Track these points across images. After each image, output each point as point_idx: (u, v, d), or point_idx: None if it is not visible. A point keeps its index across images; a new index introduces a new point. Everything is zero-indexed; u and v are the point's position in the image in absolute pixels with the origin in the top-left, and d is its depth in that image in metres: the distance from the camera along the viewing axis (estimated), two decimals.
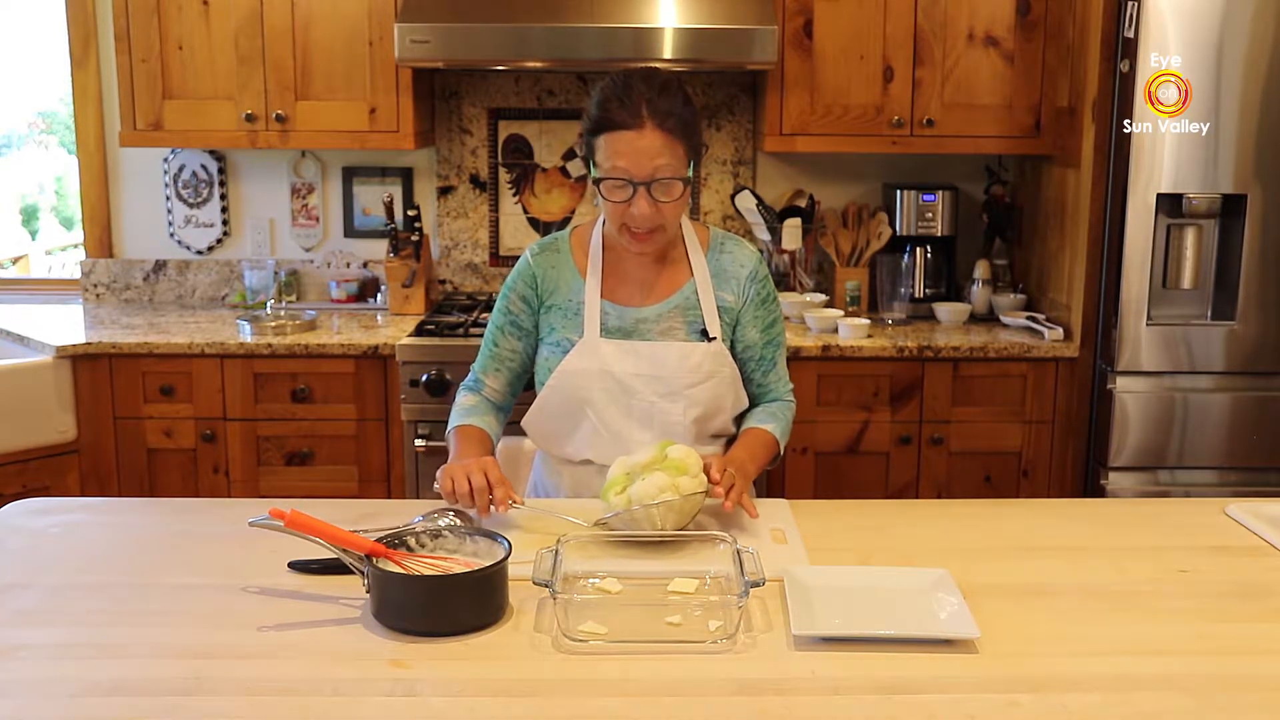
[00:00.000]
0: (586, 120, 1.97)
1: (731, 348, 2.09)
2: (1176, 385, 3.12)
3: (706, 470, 1.79)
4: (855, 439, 3.26)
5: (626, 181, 1.91)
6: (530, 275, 2.09)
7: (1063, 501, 2.95)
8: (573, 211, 3.83)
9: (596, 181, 1.96)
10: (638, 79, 1.93)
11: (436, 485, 1.87)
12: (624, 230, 1.98)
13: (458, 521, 1.76)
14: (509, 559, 1.53)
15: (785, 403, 2.16)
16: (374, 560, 1.53)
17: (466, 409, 2.10)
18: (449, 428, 2.09)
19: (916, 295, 3.59)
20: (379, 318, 3.56)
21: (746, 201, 3.62)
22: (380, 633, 1.48)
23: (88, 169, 3.83)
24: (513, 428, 2.20)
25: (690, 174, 1.95)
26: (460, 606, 1.49)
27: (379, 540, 1.57)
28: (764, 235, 3.67)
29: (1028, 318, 3.40)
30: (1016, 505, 2.41)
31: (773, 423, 2.10)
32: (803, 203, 3.70)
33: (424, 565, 1.56)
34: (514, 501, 1.87)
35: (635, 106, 1.89)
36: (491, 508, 1.81)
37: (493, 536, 1.60)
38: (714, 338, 2.05)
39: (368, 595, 1.52)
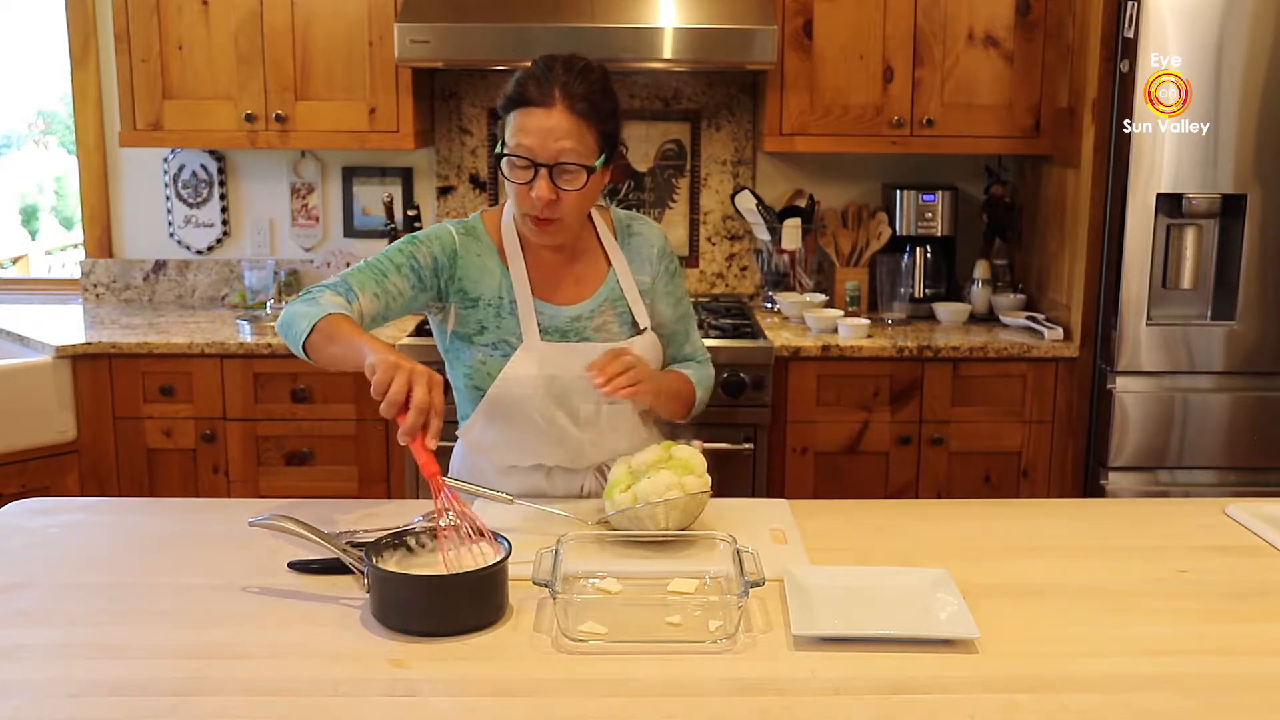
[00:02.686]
0: (502, 98, 1.91)
1: None
2: (1176, 385, 3.12)
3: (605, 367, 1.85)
4: (855, 439, 3.26)
5: (529, 162, 1.86)
6: (452, 251, 1.99)
7: (1063, 501, 2.95)
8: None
9: (499, 158, 1.90)
10: (560, 62, 1.88)
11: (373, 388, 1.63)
12: (524, 221, 1.93)
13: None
14: (509, 559, 1.53)
15: (701, 362, 2.20)
16: (374, 560, 1.53)
17: (339, 306, 1.84)
18: (314, 317, 1.81)
19: (916, 295, 3.59)
20: None
21: (746, 201, 3.62)
22: (380, 633, 1.48)
23: (88, 169, 3.83)
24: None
25: (598, 165, 1.89)
26: (460, 606, 1.49)
27: (379, 540, 1.57)
28: (764, 235, 3.67)
29: (1027, 318, 3.40)
30: (1016, 505, 2.41)
31: (689, 370, 2.15)
32: (802, 203, 3.70)
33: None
34: (505, 499, 1.87)
35: (549, 86, 1.85)
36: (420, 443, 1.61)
37: (493, 536, 1.60)
38: (645, 328, 2.04)
39: (367, 595, 1.52)
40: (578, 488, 2.07)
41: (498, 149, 1.92)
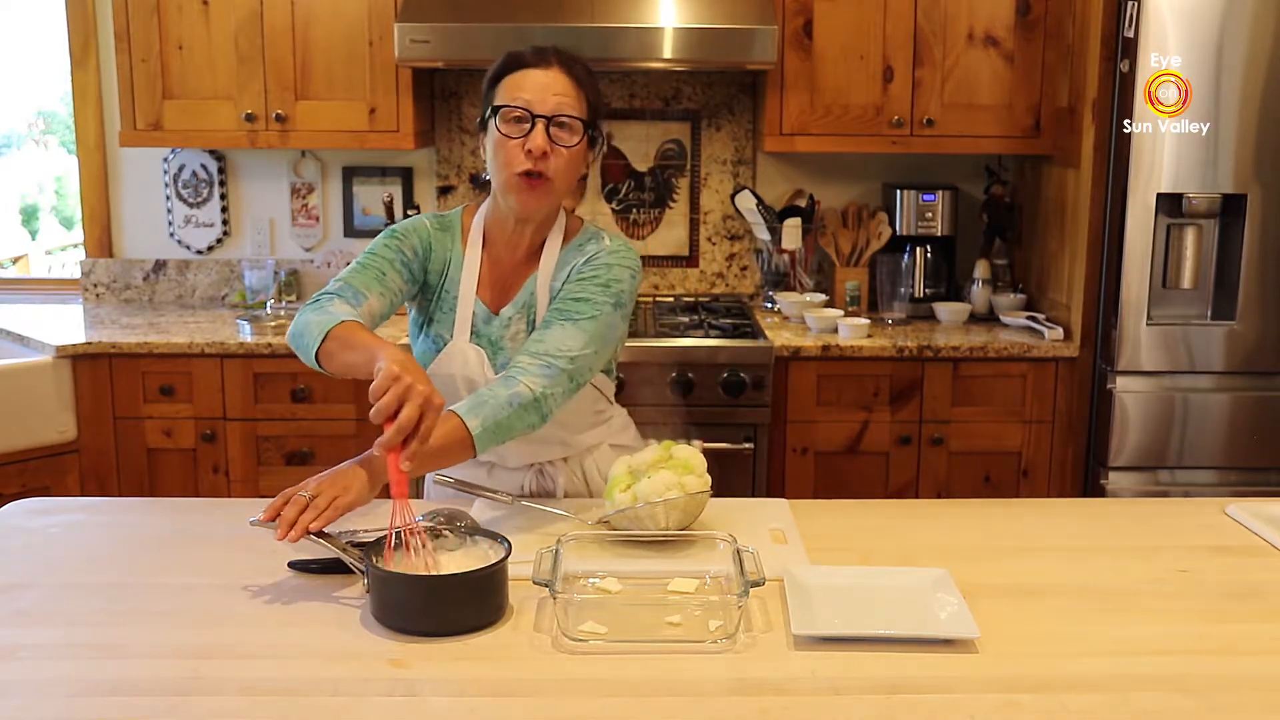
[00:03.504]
0: (489, 73, 1.92)
1: None
2: (1176, 385, 3.12)
3: None
4: (855, 439, 3.26)
5: (526, 112, 1.85)
6: (428, 242, 2.00)
7: (1063, 501, 2.95)
8: (571, 210, 3.83)
9: (494, 112, 1.86)
10: (549, 46, 1.94)
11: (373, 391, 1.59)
12: (511, 183, 1.88)
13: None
14: (509, 559, 1.53)
15: (525, 371, 1.83)
16: (374, 560, 1.53)
17: (349, 313, 1.83)
18: (326, 325, 1.78)
19: (916, 295, 3.59)
20: None
21: (746, 201, 3.62)
22: (380, 633, 1.48)
23: (88, 169, 3.83)
24: None
25: (589, 132, 1.91)
26: (460, 607, 1.48)
27: (380, 540, 1.57)
28: (764, 235, 3.67)
29: (1028, 318, 3.40)
30: (1016, 505, 2.41)
31: (465, 406, 1.78)
32: (803, 203, 3.70)
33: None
34: (505, 499, 1.88)
35: (545, 54, 1.90)
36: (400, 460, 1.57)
37: (494, 536, 1.60)
38: None
39: (368, 595, 1.52)
40: (518, 486, 2.06)
41: (486, 115, 1.90)
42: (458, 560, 1.58)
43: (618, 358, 2.09)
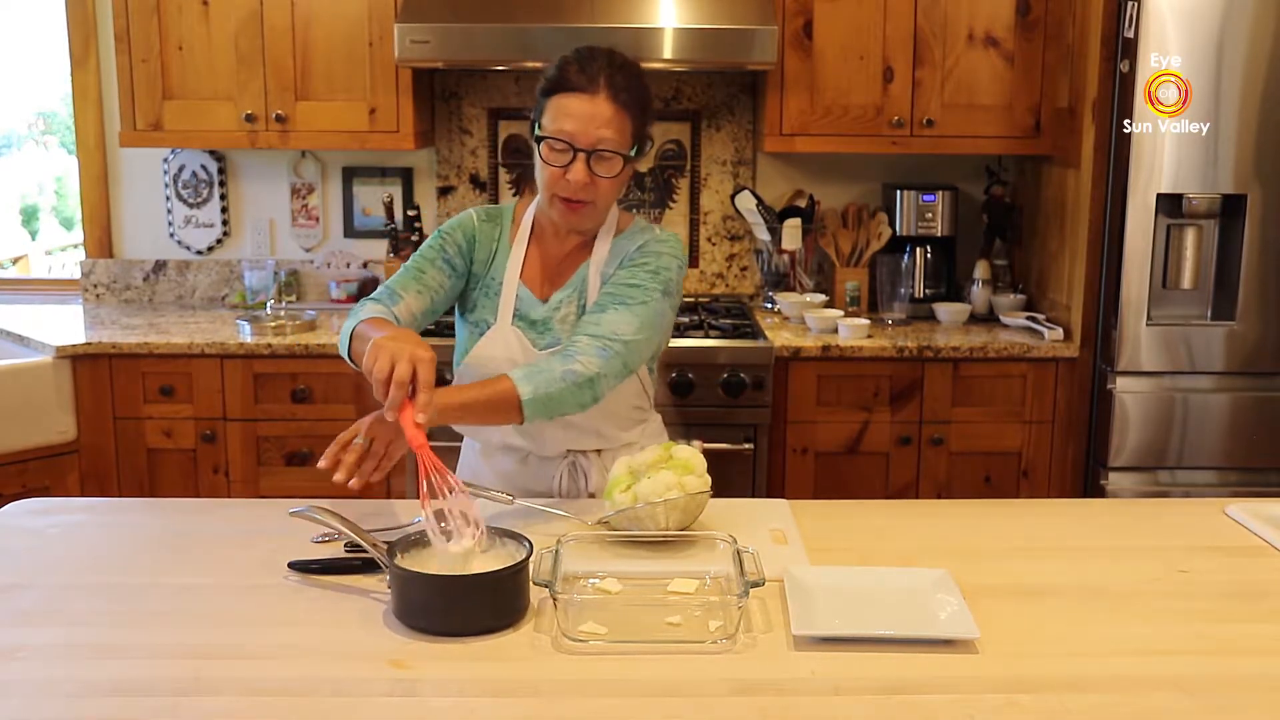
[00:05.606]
0: (542, 81, 1.94)
1: None
2: (1176, 385, 3.12)
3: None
4: (855, 439, 3.26)
5: (568, 145, 1.89)
6: (472, 235, 2.06)
7: (1063, 501, 2.95)
8: None
9: (538, 140, 1.92)
10: (601, 52, 1.93)
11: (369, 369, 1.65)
12: (555, 200, 1.95)
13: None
14: (530, 559, 1.53)
15: (580, 352, 1.87)
16: (395, 558, 1.52)
17: (376, 312, 1.93)
18: (350, 328, 1.89)
19: (916, 295, 3.59)
20: None
21: (746, 202, 3.62)
22: (381, 633, 1.48)
23: (88, 169, 3.83)
24: None
25: (632, 154, 1.93)
26: (480, 607, 1.48)
27: (403, 539, 1.57)
28: (764, 235, 3.67)
29: (1028, 318, 3.40)
30: (1016, 505, 2.41)
31: (521, 372, 1.84)
32: (803, 203, 3.70)
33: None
34: (506, 499, 1.89)
35: (593, 73, 1.89)
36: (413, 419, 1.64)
37: (518, 538, 1.59)
38: None
39: (372, 594, 1.52)
40: (549, 478, 2.07)
41: (535, 132, 1.94)
42: (484, 561, 1.57)
43: (659, 353, 2.10)
